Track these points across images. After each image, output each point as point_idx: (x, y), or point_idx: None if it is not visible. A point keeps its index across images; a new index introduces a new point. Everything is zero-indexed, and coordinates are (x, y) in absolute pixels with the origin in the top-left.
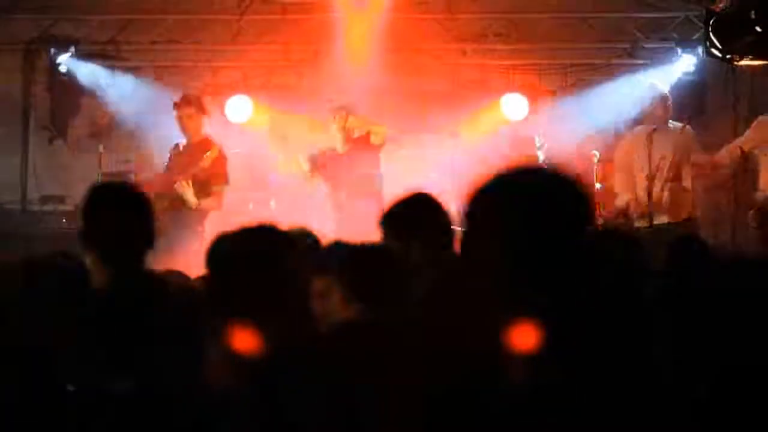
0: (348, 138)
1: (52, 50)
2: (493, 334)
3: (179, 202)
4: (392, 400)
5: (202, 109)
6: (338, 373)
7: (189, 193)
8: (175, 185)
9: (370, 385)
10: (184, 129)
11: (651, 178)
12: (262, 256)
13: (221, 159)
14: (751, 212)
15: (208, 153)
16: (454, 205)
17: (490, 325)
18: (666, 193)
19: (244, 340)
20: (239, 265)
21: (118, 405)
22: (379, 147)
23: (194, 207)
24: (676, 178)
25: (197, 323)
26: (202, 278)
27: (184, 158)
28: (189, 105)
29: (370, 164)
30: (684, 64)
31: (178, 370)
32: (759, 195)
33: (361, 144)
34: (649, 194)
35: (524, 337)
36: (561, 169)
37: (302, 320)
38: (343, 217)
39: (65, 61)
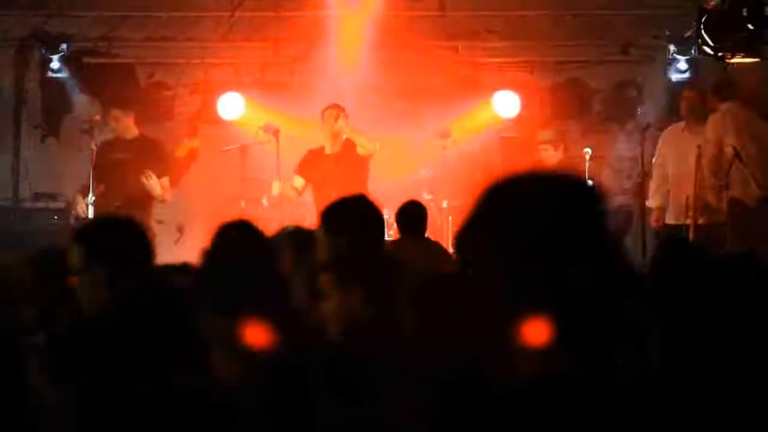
0: (335, 139)
1: (45, 47)
2: (505, 327)
3: (135, 197)
4: (401, 394)
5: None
6: (345, 369)
7: (158, 186)
8: (143, 179)
9: (378, 383)
10: (117, 131)
11: None
12: (256, 254)
13: (195, 150)
14: None
15: (185, 143)
16: (446, 201)
17: (501, 318)
18: None
19: (250, 337)
20: (233, 260)
21: (129, 405)
22: (365, 159)
23: (161, 199)
24: None
25: (192, 319)
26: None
27: (129, 155)
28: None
29: (357, 171)
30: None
31: (181, 369)
32: None
33: (348, 150)
34: None
35: (536, 330)
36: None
37: (300, 317)
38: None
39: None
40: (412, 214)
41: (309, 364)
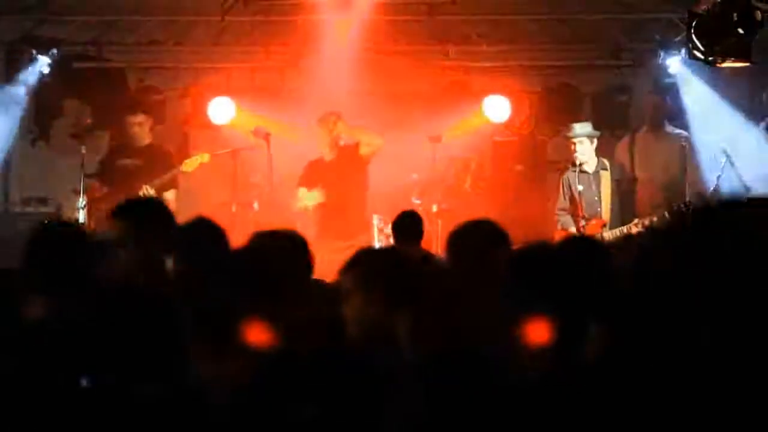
0: (334, 145)
1: (35, 51)
2: (507, 330)
3: None
4: (402, 393)
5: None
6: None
7: None
8: (140, 193)
9: (384, 381)
10: (135, 136)
11: None
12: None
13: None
14: None
15: (195, 158)
16: (435, 205)
17: (504, 321)
18: None
19: (255, 336)
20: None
21: (135, 405)
22: (368, 158)
23: None
24: None
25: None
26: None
27: (138, 162)
28: (137, 113)
29: (357, 174)
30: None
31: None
32: None
33: (349, 153)
34: None
35: (536, 331)
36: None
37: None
38: (327, 221)
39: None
40: (408, 223)
41: (304, 365)
